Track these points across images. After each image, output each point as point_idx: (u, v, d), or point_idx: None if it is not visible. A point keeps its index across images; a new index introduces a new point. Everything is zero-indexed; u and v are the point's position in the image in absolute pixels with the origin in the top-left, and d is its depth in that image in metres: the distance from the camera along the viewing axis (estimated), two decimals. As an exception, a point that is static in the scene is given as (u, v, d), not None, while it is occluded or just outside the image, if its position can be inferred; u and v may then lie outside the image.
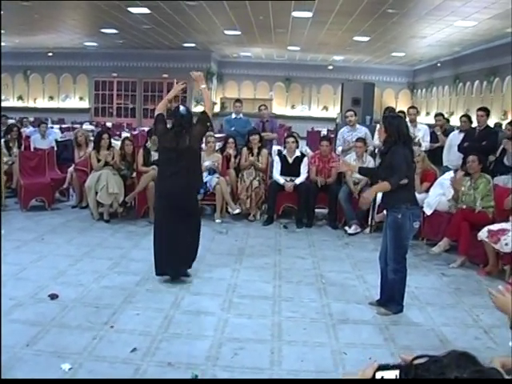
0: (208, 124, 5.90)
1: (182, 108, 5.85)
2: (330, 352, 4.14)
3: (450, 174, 7.43)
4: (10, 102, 24.26)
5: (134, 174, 8.49)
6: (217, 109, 24.51)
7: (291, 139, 8.68)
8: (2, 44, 20.84)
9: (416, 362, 1.07)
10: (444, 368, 1.01)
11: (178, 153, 5.51)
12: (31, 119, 17.43)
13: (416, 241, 7.55)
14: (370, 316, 4.91)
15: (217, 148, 9.31)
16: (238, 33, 17.51)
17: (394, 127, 4.83)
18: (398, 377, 1.12)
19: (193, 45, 20.96)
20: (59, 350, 3.90)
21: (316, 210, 8.69)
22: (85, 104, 24.91)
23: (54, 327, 4.35)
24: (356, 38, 17.40)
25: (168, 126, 5.78)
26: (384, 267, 5.05)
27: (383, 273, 5.09)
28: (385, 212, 5.54)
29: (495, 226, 6.06)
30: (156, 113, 5.85)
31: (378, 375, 1.14)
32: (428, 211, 7.20)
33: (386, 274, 5.02)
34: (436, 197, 7.24)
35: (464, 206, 6.68)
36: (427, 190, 7.49)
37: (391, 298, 4.99)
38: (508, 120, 11.98)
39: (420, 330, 4.61)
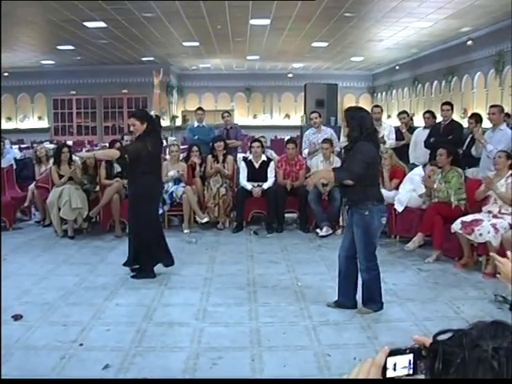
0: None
1: (152, 112, 5.92)
2: (313, 355, 3.98)
3: (419, 169, 7.39)
4: (-35, 124, 23.64)
5: (98, 188, 8.24)
6: (178, 122, 24.32)
7: (256, 143, 8.54)
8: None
9: (440, 338, 0.92)
10: (477, 340, 0.86)
11: (159, 156, 6.03)
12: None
13: (389, 239, 7.53)
14: (350, 316, 4.78)
15: (181, 157, 9.12)
16: (197, 44, 17.37)
17: (355, 121, 4.62)
18: (411, 361, 0.99)
19: (151, 58, 20.72)
20: (25, 373, 3.65)
21: (286, 215, 8.56)
22: (44, 123, 24.40)
23: (18, 349, 4.08)
24: (314, 44, 17.44)
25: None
26: (343, 265, 4.91)
27: (341, 271, 4.94)
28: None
29: (468, 217, 6.02)
30: (155, 110, 6.14)
31: (390, 361, 1.00)
32: (399, 208, 7.14)
33: (345, 272, 4.90)
34: (406, 193, 7.18)
35: (436, 200, 6.63)
36: (397, 187, 7.44)
37: (370, 297, 4.84)
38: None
39: (402, 326, 4.49)
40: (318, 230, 7.94)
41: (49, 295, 5.34)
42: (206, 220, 8.24)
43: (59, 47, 17.38)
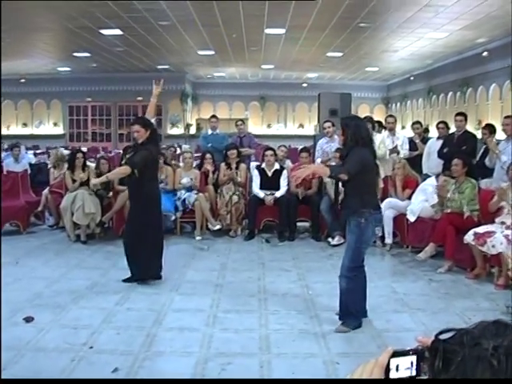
0: None
1: (153, 120, 5.99)
2: (322, 362, 3.97)
3: (432, 179, 7.37)
4: (-17, 130, 23.91)
5: (111, 194, 8.30)
6: (192, 130, 24.41)
7: (270, 152, 8.56)
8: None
9: (442, 337, 0.93)
10: (478, 338, 0.86)
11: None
12: (5, 146, 17.13)
13: (401, 249, 7.50)
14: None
15: (194, 165, 9.17)
16: (212, 52, 17.47)
17: (351, 129, 4.54)
18: (414, 363, 0.99)
19: (166, 66, 20.87)
20: (35, 375, 3.68)
21: (298, 224, 8.56)
22: (59, 130, 24.61)
23: (29, 351, 4.11)
24: (329, 54, 17.47)
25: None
26: None
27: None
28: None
29: (481, 229, 5.97)
30: (149, 118, 6.07)
31: (393, 362, 1.00)
32: (412, 218, 7.11)
33: None
34: (419, 203, 7.16)
35: (449, 211, 6.60)
36: (409, 197, 7.42)
37: (347, 311, 4.68)
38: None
39: (413, 336, 4.37)
40: (329, 239, 7.93)
41: (60, 298, 5.38)
42: (218, 227, 8.26)
43: (75, 54, 17.55)
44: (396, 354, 1.01)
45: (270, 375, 3.75)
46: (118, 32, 13.84)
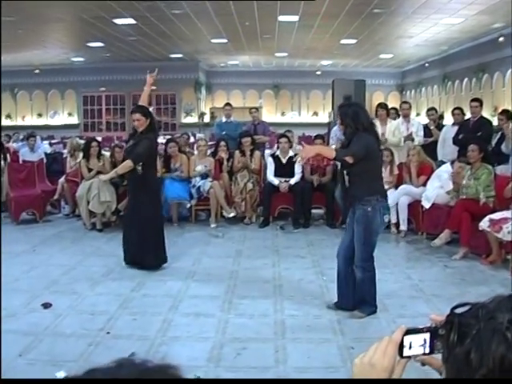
0: None
1: (151, 108, 6.02)
2: (337, 347, 3.99)
3: (447, 166, 7.32)
4: (-2, 120, 24.09)
5: (126, 182, 8.32)
6: (206, 119, 24.40)
7: (284, 139, 8.55)
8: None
9: (457, 311, 0.93)
10: (493, 312, 0.87)
11: None
12: (21, 136, 17.25)
13: (416, 235, 7.47)
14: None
15: (208, 153, 9.19)
16: (225, 41, 17.40)
17: (349, 117, 4.45)
18: (427, 340, 1.01)
19: (180, 55, 20.83)
20: (54, 359, 3.74)
21: (313, 211, 8.56)
22: (74, 120, 24.70)
23: (47, 336, 4.18)
24: (343, 41, 17.33)
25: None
26: (342, 265, 4.69)
27: (340, 272, 4.72)
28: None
29: (497, 215, 5.94)
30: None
31: (407, 340, 1.02)
32: (426, 204, 7.09)
33: (344, 273, 4.67)
34: (434, 190, 7.13)
35: (464, 197, 6.56)
36: (424, 184, 7.39)
37: (363, 299, 4.64)
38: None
39: (428, 322, 4.45)
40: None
41: (77, 285, 5.44)
42: (232, 215, 8.28)
43: (89, 44, 17.56)
44: (409, 332, 1.03)
45: (285, 360, 3.77)
46: (131, 21, 13.82)
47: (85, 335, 4.19)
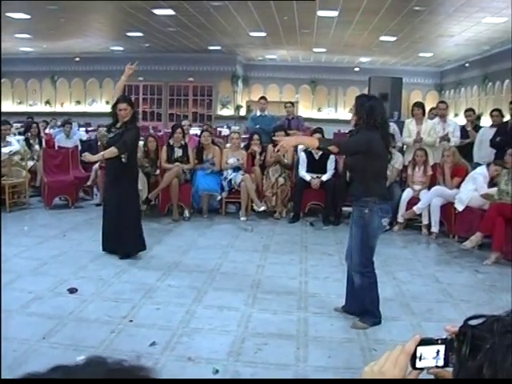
0: None
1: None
2: (359, 348, 3.93)
3: (483, 169, 7.16)
4: (38, 106, 24.47)
5: (158, 172, 8.39)
6: (242, 112, 24.41)
7: (318, 135, 8.47)
8: (31, 49, 21.12)
9: (472, 322, 0.89)
10: (509, 326, 0.82)
11: None
12: (58, 123, 17.52)
13: (447, 238, 7.34)
14: (401, 312, 4.69)
15: (242, 146, 9.18)
16: (263, 34, 17.35)
17: (364, 109, 4.21)
18: (439, 352, 0.96)
19: (218, 48, 20.87)
20: (76, 343, 3.77)
21: (344, 208, 8.46)
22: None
23: (71, 321, 4.23)
24: (382, 38, 17.10)
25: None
26: (351, 267, 4.53)
27: (349, 275, 4.58)
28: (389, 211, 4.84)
29: (532, 221, 5.79)
30: (116, 98, 6.13)
31: (420, 351, 0.98)
32: (460, 207, 6.95)
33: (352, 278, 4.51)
34: (468, 192, 6.98)
35: (500, 201, 6.40)
36: (458, 186, 7.24)
37: (364, 308, 4.41)
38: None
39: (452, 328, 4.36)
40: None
41: (104, 272, 5.49)
42: (262, 209, 8.26)
43: (128, 34, 17.72)
44: (423, 343, 0.98)
45: (305, 358, 3.73)
46: (170, 12, 13.88)
47: (108, 322, 4.22)
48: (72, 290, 4.86)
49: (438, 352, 0.96)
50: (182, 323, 4.27)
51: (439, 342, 0.97)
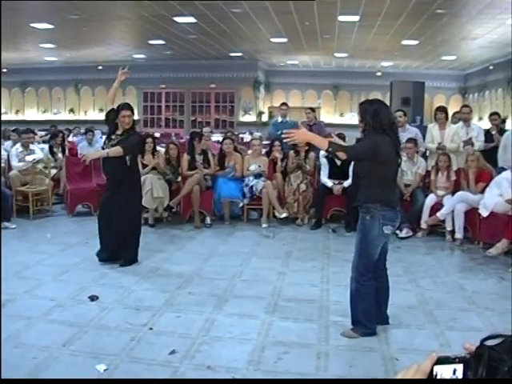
0: None
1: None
2: (381, 358, 3.87)
3: (508, 173, 7.03)
4: (62, 114, 24.78)
5: (179, 179, 8.41)
6: (265, 118, 24.41)
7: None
8: (55, 59, 21.39)
9: (489, 342, 0.84)
10: None
11: None
12: (82, 130, 17.70)
13: (471, 244, 7.22)
14: (424, 321, 4.61)
15: (263, 152, 9.16)
16: (285, 40, 17.33)
17: (369, 114, 4.13)
18: (456, 371, 0.91)
19: (239, 54, 20.91)
20: (96, 351, 3.78)
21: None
22: (134, 115, 25.14)
23: (92, 328, 4.24)
24: (404, 42, 16.96)
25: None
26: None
27: None
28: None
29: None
30: (110, 103, 6.19)
31: (437, 370, 0.92)
32: (484, 213, 6.83)
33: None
34: (493, 198, 6.85)
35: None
36: (482, 191, 7.12)
37: (356, 318, 4.32)
38: None
39: (479, 336, 4.22)
40: (397, 232, 7.72)
41: (125, 279, 5.51)
42: (284, 215, 8.23)
43: (150, 42, 17.85)
44: (440, 361, 0.93)
45: (326, 367, 3.68)
46: (191, 20, 13.95)
47: (128, 329, 4.22)
48: (93, 298, 4.88)
49: (454, 371, 0.92)
50: (201, 331, 4.25)
51: (457, 360, 0.93)
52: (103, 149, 6.02)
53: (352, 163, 8.13)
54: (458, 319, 4.63)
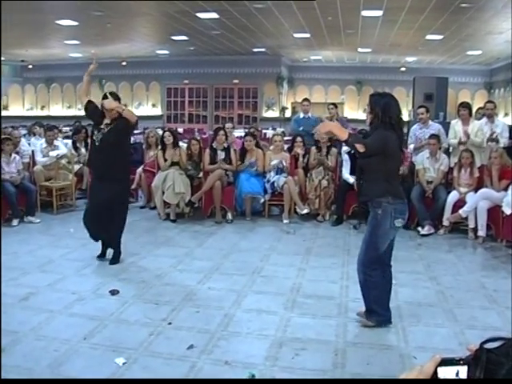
0: None
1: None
2: (399, 355, 3.85)
3: (532, 170, 6.94)
4: (87, 110, 25.08)
5: (201, 174, 8.45)
6: (288, 113, 24.37)
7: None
8: (79, 55, 21.59)
9: (487, 345, 0.84)
10: None
11: None
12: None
13: (494, 242, 7.14)
14: (444, 319, 4.57)
15: (285, 148, 9.15)
16: (308, 35, 17.28)
17: (379, 107, 4.14)
18: (459, 373, 0.91)
19: (263, 49, 20.90)
20: (115, 345, 3.83)
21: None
22: (157, 111, 25.32)
23: (112, 322, 4.29)
24: (428, 37, 16.80)
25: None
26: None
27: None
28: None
29: None
30: (85, 100, 5.90)
31: (441, 371, 0.92)
32: (507, 210, 6.74)
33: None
34: (516, 195, 6.77)
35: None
36: (506, 188, 7.04)
37: (369, 306, 4.39)
38: None
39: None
40: (419, 229, 7.67)
41: (145, 274, 5.56)
42: (306, 211, 8.21)
43: (173, 37, 17.94)
44: (444, 363, 0.93)
45: (343, 364, 3.68)
46: (214, 15, 13.99)
47: (147, 324, 4.26)
48: (113, 292, 4.94)
49: (457, 373, 0.92)
50: (220, 326, 4.27)
51: (461, 362, 0.93)
52: (93, 141, 5.81)
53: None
54: (478, 318, 4.58)
